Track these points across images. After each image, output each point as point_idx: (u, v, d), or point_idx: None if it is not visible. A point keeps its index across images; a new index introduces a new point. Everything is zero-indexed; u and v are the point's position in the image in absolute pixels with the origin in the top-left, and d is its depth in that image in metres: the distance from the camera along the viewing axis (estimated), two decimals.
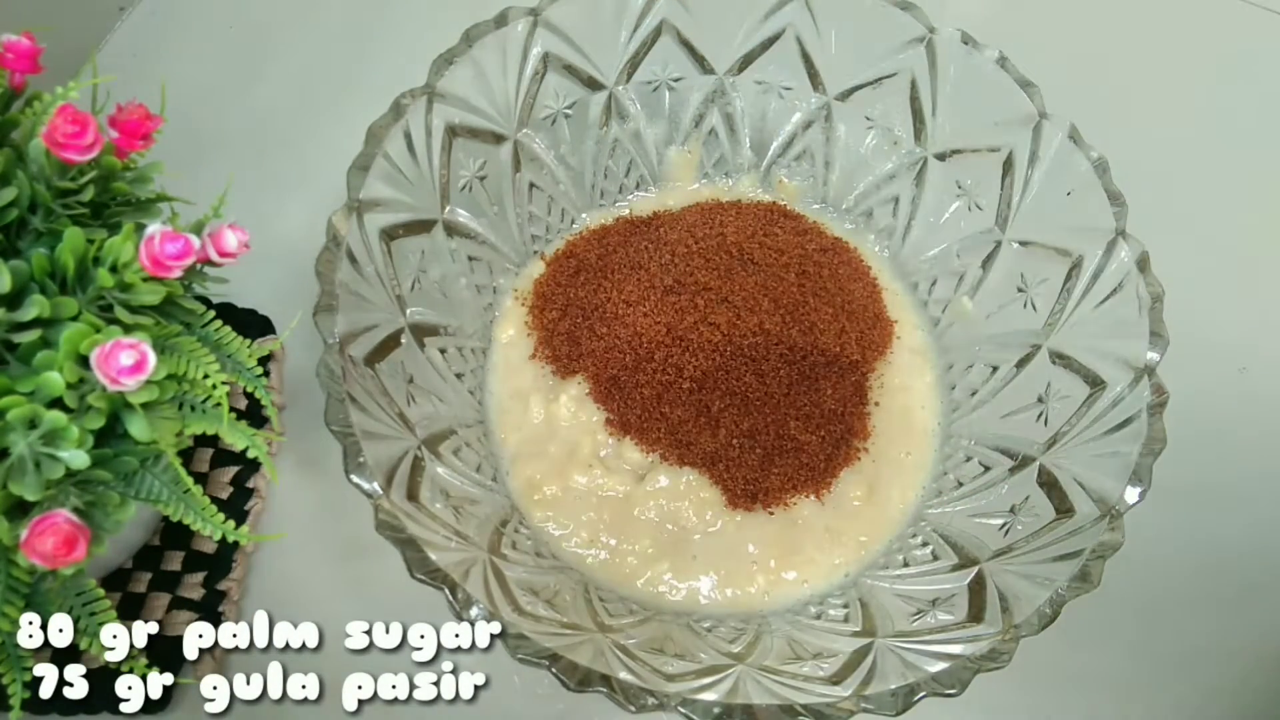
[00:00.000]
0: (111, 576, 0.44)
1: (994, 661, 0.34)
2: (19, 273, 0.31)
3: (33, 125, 0.33)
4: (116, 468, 0.33)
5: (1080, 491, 0.38)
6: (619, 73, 0.47)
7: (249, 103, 0.58)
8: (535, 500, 0.44)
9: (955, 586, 0.39)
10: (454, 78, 0.43)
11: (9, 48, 0.34)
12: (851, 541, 0.44)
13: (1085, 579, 0.35)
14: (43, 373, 0.30)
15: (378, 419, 0.38)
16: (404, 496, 0.37)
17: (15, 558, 0.30)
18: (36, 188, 0.32)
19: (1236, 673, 0.43)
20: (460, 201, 0.46)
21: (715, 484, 0.44)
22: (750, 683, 0.35)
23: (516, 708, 0.42)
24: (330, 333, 0.38)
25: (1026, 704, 0.42)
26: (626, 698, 0.33)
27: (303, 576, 0.45)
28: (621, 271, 0.48)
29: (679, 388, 0.45)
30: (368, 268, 0.41)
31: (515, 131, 0.46)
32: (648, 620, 0.41)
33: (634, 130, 0.49)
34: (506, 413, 0.47)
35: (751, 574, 0.43)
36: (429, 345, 0.44)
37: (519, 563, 0.40)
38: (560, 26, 0.45)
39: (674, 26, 0.47)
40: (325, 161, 0.43)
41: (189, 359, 0.33)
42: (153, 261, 0.31)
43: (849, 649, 0.37)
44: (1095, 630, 0.43)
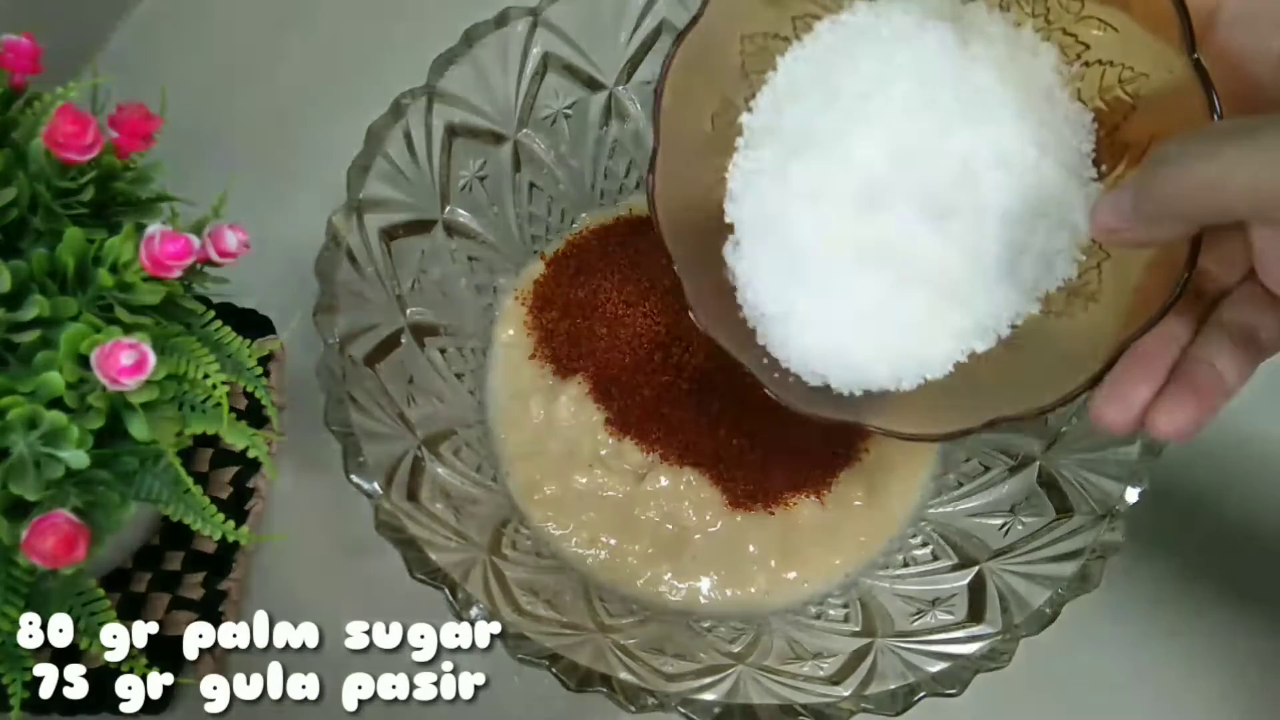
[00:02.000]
0: (111, 576, 0.44)
1: (994, 661, 0.34)
2: (19, 273, 0.31)
3: (33, 125, 0.33)
4: (116, 468, 0.33)
5: (1080, 491, 0.38)
6: (619, 73, 0.47)
7: (249, 103, 0.58)
8: (535, 500, 0.44)
9: (955, 586, 0.39)
10: (454, 78, 0.43)
11: (9, 48, 0.34)
12: (851, 541, 0.44)
13: (1085, 579, 0.35)
14: (43, 373, 0.30)
15: (378, 419, 0.38)
16: (404, 496, 0.37)
17: (15, 557, 0.30)
18: (36, 188, 0.32)
19: (1237, 673, 0.43)
20: (460, 201, 0.46)
21: (715, 484, 0.44)
22: (750, 683, 0.35)
23: (516, 708, 0.42)
24: (330, 333, 0.38)
25: (1027, 704, 0.42)
26: (626, 698, 0.33)
27: (303, 576, 0.45)
28: (621, 271, 0.48)
29: (679, 388, 0.45)
30: (368, 268, 0.41)
31: (515, 131, 0.46)
32: (648, 620, 0.41)
33: (634, 130, 0.49)
34: (506, 413, 0.47)
35: (751, 574, 0.43)
36: (429, 345, 0.44)
37: (519, 563, 0.40)
38: (560, 26, 0.45)
39: (674, 26, 0.47)
40: (325, 161, 0.43)
41: (189, 359, 0.33)
42: (153, 261, 0.31)
43: (849, 649, 0.37)
44: (1095, 630, 0.43)
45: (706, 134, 0.38)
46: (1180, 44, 0.28)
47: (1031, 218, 0.33)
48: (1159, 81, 0.31)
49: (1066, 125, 0.33)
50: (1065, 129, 0.33)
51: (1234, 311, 0.29)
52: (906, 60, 0.34)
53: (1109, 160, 0.33)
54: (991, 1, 0.34)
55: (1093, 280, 0.34)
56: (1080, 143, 0.33)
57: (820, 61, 0.36)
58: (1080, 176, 0.33)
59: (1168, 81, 0.30)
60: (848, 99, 0.34)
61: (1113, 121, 0.33)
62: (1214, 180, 0.24)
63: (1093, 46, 0.33)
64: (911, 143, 0.34)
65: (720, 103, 0.38)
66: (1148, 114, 0.32)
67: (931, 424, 0.35)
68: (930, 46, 0.34)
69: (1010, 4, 0.34)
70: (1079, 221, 0.33)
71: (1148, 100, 0.32)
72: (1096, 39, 0.33)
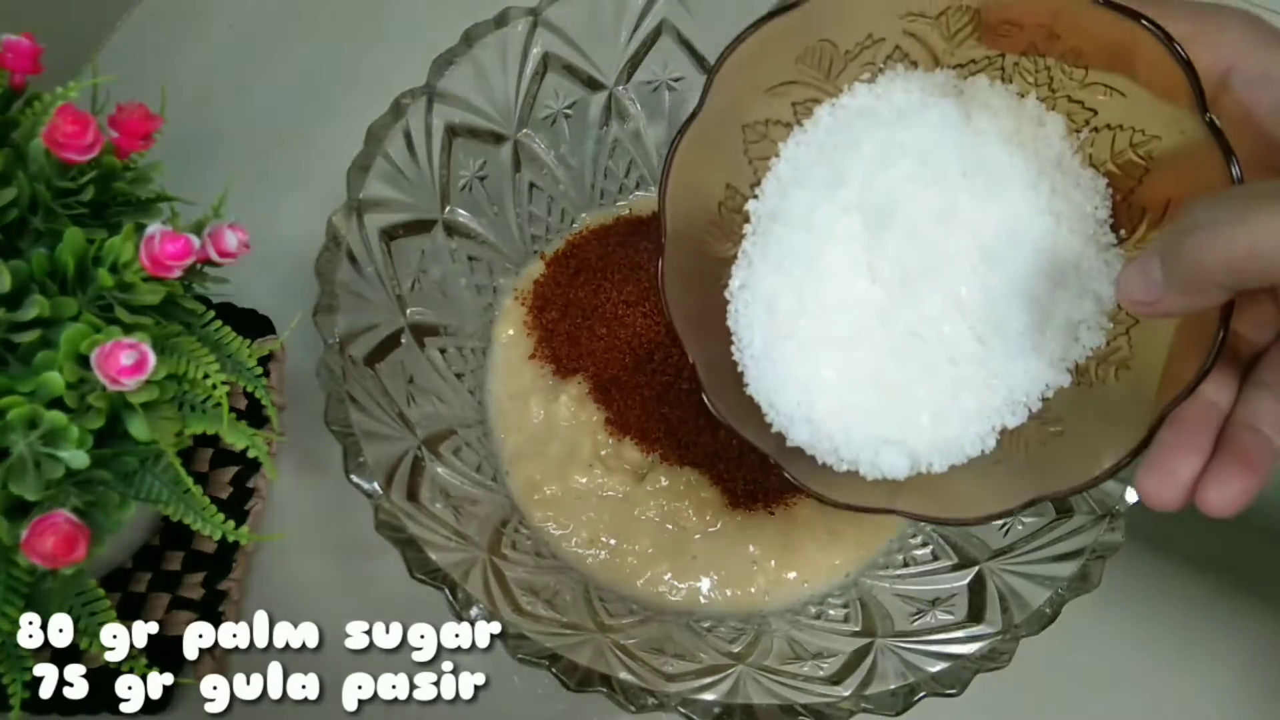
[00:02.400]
0: (111, 576, 0.44)
1: (994, 661, 0.34)
2: (19, 272, 0.31)
3: (33, 125, 0.33)
4: (116, 468, 0.33)
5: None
6: (619, 73, 0.47)
7: (249, 103, 0.58)
8: (535, 500, 0.44)
9: (955, 586, 0.39)
10: (454, 78, 0.43)
11: (9, 48, 0.34)
12: (851, 541, 0.44)
13: (1085, 579, 0.35)
14: (43, 373, 0.30)
15: (378, 419, 0.38)
16: (404, 496, 0.37)
17: (15, 558, 0.30)
18: (36, 187, 0.32)
19: (1238, 673, 0.43)
20: (460, 201, 0.46)
21: (715, 484, 0.44)
22: (750, 683, 0.35)
23: (516, 708, 0.42)
24: (330, 333, 0.38)
25: (1027, 704, 0.42)
26: (626, 698, 0.33)
27: (303, 576, 0.45)
28: (621, 271, 0.48)
29: (679, 388, 0.45)
30: (368, 268, 0.41)
31: (515, 131, 0.46)
32: (648, 620, 0.41)
33: (634, 130, 0.49)
34: (506, 413, 0.47)
35: (751, 574, 0.43)
36: (429, 345, 0.44)
37: (519, 563, 0.40)
38: (560, 26, 0.45)
39: (674, 26, 0.47)
40: (325, 161, 0.43)
41: (189, 359, 0.33)
42: (153, 261, 0.31)
43: (849, 649, 0.37)
44: (1095, 630, 0.43)
45: (712, 224, 0.38)
46: (1191, 107, 0.28)
47: (1051, 288, 0.32)
48: (1172, 143, 0.30)
49: (1079, 192, 0.33)
50: (1078, 195, 0.33)
51: (1272, 372, 0.29)
52: (909, 138, 0.34)
53: (1127, 224, 0.33)
54: (992, 75, 0.34)
55: (1123, 347, 0.33)
56: (1096, 208, 0.33)
57: (822, 145, 0.36)
58: (1099, 243, 0.33)
59: (1180, 142, 0.29)
60: (853, 182, 0.34)
61: (1127, 185, 0.33)
62: (1251, 247, 0.23)
63: (1100, 112, 0.32)
64: (920, 221, 0.33)
65: (725, 190, 0.37)
66: (1163, 176, 0.31)
67: (964, 508, 0.34)
68: (932, 123, 0.34)
69: (1012, 76, 0.34)
70: (1102, 289, 0.32)
71: (1162, 162, 0.31)
72: (1103, 104, 0.32)
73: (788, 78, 0.35)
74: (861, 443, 0.34)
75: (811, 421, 0.34)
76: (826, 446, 0.34)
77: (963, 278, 0.33)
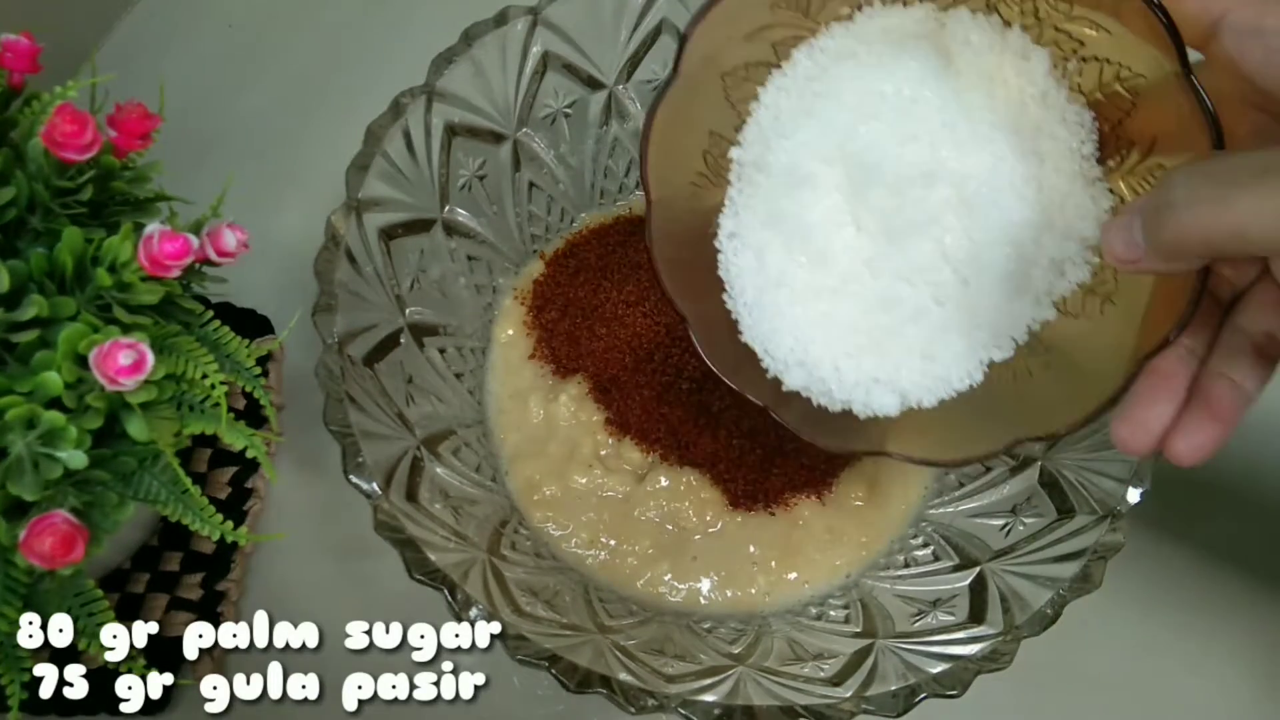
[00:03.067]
0: (110, 577, 0.44)
1: (995, 662, 0.34)
2: (17, 272, 0.31)
3: (31, 125, 0.33)
4: (115, 468, 0.33)
5: (1082, 492, 0.38)
6: (619, 72, 0.47)
7: (249, 102, 0.58)
8: (535, 500, 0.44)
9: (956, 587, 0.39)
10: (453, 77, 0.43)
11: (8, 47, 0.34)
12: (852, 542, 0.44)
13: (1087, 580, 0.35)
14: (41, 373, 0.30)
15: (377, 419, 0.38)
16: (403, 497, 0.37)
17: (14, 558, 0.30)
18: (35, 187, 0.32)
19: (1238, 673, 0.43)
20: (460, 201, 0.46)
21: (715, 484, 0.44)
22: (750, 684, 0.35)
23: (516, 708, 0.42)
24: (329, 333, 0.38)
25: (1027, 705, 0.42)
26: (626, 699, 0.33)
27: (302, 576, 0.45)
28: (621, 271, 0.48)
29: (679, 388, 0.45)
30: (367, 267, 0.41)
31: (515, 131, 0.46)
32: (648, 621, 0.40)
33: (634, 130, 0.49)
34: (506, 413, 0.47)
35: (752, 575, 0.43)
36: (428, 345, 0.44)
37: (519, 563, 0.40)
38: (560, 25, 0.45)
39: (674, 26, 0.47)
40: (325, 161, 0.43)
41: (188, 359, 0.33)
42: (151, 261, 0.31)
43: (849, 650, 0.37)
44: (1096, 630, 0.42)
45: (699, 175, 0.38)
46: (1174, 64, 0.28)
47: (1037, 230, 0.33)
48: (1157, 82, 0.30)
49: (1065, 128, 0.33)
50: (1064, 132, 0.33)
51: (1250, 317, 0.29)
52: (889, 89, 0.34)
53: (1115, 154, 0.33)
54: (975, 5, 0.34)
55: (1109, 280, 0.33)
56: (1081, 144, 0.33)
57: (802, 92, 0.36)
58: (1084, 178, 0.33)
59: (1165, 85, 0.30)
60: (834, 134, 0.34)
61: (1115, 116, 0.33)
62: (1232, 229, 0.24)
63: (1087, 44, 0.32)
64: (903, 175, 0.33)
65: (710, 139, 0.38)
66: (1149, 112, 0.31)
67: (951, 449, 0.35)
68: (912, 72, 0.34)
69: (996, 4, 0.34)
70: (1087, 229, 0.32)
71: (1147, 98, 0.31)
72: (1090, 38, 0.32)
73: (765, 22, 0.35)
74: (853, 384, 0.36)
75: (805, 365, 0.36)
76: (820, 389, 0.36)
77: (947, 227, 0.33)
